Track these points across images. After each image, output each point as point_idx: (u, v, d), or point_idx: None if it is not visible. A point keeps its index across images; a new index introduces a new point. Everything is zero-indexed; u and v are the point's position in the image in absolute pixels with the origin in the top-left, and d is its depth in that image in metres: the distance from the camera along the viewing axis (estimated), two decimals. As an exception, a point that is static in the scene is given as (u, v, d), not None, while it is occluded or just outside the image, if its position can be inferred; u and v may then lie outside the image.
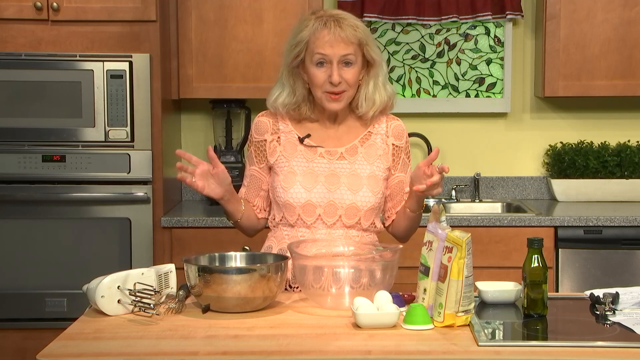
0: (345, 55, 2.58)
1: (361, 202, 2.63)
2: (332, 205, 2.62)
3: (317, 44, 2.57)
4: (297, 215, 2.63)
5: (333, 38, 2.56)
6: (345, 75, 2.59)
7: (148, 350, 2.07)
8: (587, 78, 4.18)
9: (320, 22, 2.59)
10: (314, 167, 2.65)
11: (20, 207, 3.86)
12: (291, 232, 2.66)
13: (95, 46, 3.87)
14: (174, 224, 3.91)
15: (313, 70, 2.60)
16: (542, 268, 2.32)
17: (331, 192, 2.62)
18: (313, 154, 2.66)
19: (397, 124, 2.74)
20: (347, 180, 2.63)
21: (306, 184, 2.62)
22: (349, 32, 2.57)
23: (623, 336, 2.16)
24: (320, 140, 2.68)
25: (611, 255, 3.91)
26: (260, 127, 2.72)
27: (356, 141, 2.69)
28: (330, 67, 2.58)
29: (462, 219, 3.92)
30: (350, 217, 2.63)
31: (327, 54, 2.57)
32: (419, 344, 2.10)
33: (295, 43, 2.61)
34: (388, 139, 2.71)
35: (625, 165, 4.32)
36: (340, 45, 2.57)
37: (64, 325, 2.34)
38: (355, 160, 2.66)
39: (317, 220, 2.63)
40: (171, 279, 2.47)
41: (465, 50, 4.50)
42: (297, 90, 2.66)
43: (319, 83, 2.60)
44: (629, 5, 4.14)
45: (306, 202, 2.62)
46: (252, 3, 4.12)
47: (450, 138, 4.51)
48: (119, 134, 3.84)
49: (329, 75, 2.58)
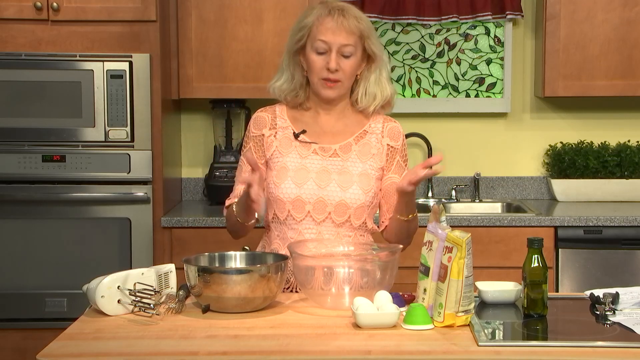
0: (346, 45, 2.61)
1: (350, 199, 2.62)
2: (321, 201, 2.62)
3: (319, 29, 2.61)
4: (287, 211, 2.63)
5: (335, 26, 2.60)
6: (343, 65, 2.62)
7: (148, 350, 2.07)
8: (587, 78, 4.18)
9: (325, 9, 2.63)
10: (306, 163, 2.65)
11: (20, 207, 3.86)
12: (281, 230, 2.65)
13: (95, 46, 3.87)
14: (174, 224, 3.91)
15: (312, 57, 2.63)
16: (542, 268, 2.32)
17: (321, 189, 2.62)
18: (307, 150, 2.67)
19: (393, 126, 2.74)
20: (338, 177, 2.63)
21: (297, 180, 2.62)
22: (352, 22, 2.61)
23: (623, 336, 2.16)
24: (315, 136, 2.69)
25: (611, 255, 3.91)
26: (259, 121, 2.74)
27: (351, 139, 2.69)
28: (329, 55, 2.61)
29: (462, 219, 3.92)
30: (339, 214, 2.62)
31: (328, 41, 2.60)
32: (419, 344, 2.10)
33: (299, 28, 2.66)
34: (383, 139, 2.71)
35: (625, 165, 4.32)
36: (342, 34, 2.60)
37: (64, 325, 2.34)
38: (349, 157, 2.66)
39: (307, 217, 2.62)
40: (171, 279, 2.47)
41: (465, 50, 4.50)
42: (295, 77, 2.69)
43: (317, 69, 2.63)
44: (629, 5, 4.14)
45: (296, 197, 2.61)
46: (252, 3, 4.12)
47: (450, 138, 4.51)
48: (119, 134, 3.84)
49: (327, 62, 2.61)
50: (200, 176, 4.50)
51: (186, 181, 4.50)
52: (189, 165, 4.51)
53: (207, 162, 4.43)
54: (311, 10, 2.68)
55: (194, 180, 4.50)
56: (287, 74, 2.70)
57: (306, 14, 2.68)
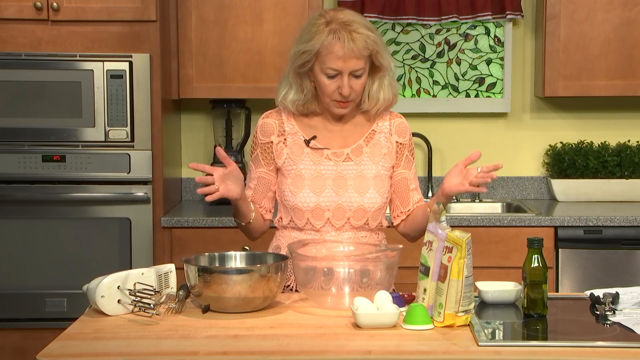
0: (356, 70, 2.56)
1: (368, 203, 2.63)
2: (340, 208, 2.62)
3: (329, 57, 2.54)
4: (306, 219, 2.63)
5: (346, 53, 2.53)
6: (355, 85, 2.58)
7: (148, 350, 2.07)
8: (587, 78, 4.18)
9: (333, 35, 2.54)
10: (321, 170, 2.64)
11: (20, 207, 3.86)
12: (299, 236, 2.65)
13: (95, 46, 3.87)
14: (174, 224, 3.91)
15: (323, 80, 2.58)
16: (542, 268, 2.32)
17: (339, 196, 2.62)
18: (320, 156, 2.66)
19: (400, 122, 2.75)
20: (354, 183, 2.64)
21: (315, 188, 2.62)
22: (360, 44, 2.54)
23: (623, 336, 2.16)
24: (325, 141, 2.68)
25: (611, 255, 3.91)
26: (266, 128, 2.71)
27: (361, 141, 2.69)
28: (341, 79, 2.57)
29: (462, 219, 3.92)
30: (358, 218, 2.63)
31: (339, 69, 2.55)
32: (419, 344, 2.10)
33: (304, 50, 2.58)
34: (392, 136, 2.71)
35: (625, 165, 4.32)
36: (352, 60, 2.54)
37: (64, 325, 2.34)
38: (361, 160, 2.66)
39: (326, 224, 2.63)
40: (171, 279, 2.48)
41: (465, 50, 4.50)
42: (305, 89, 2.64)
43: (329, 93, 2.59)
44: (629, 5, 4.14)
45: (315, 206, 2.62)
46: (252, 3, 4.12)
47: (450, 138, 4.51)
48: (119, 134, 3.84)
49: (339, 87, 2.57)
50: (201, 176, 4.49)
51: (186, 181, 4.50)
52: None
53: (207, 162, 4.43)
54: (315, 29, 2.57)
55: (194, 180, 4.50)
56: (295, 86, 2.65)
57: (310, 34, 2.57)
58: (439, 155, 4.50)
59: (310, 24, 2.62)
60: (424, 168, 4.49)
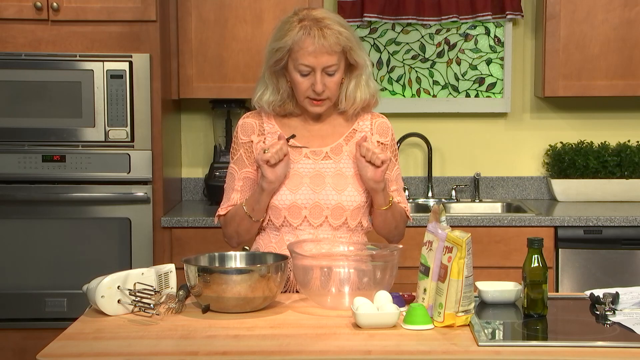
0: (329, 66, 2.57)
1: (347, 201, 2.62)
2: (317, 206, 2.62)
3: (300, 53, 2.55)
4: (283, 217, 2.62)
5: (317, 49, 2.54)
6: (329, 83, 2.59)
7: (148, 350, 2.07)
8: (587, 78, 4.18)
9: (304, 30, 2.55)
10: (298, 168, 2.64)
11: (20, 207, 3.86)
12: (277, 237, 2.65)
13: (95, 46, 3.87)
14: (174, 224, 3.91)
15: (296, 78, 2.59)
16: (542, 268, 2.32)
17: (316, 193, 2.62)
18: (298, 154, 2.66)
19: (382, 122, 2.74)
20: (332, 180, 2.63)
21: (291, 186, 2.62)
22: (332, 40, 2.54)
23: (623, 336, 2.16)
24: (305, 140, 2.68)
25: (611, 255, 3.91)
26: (247, 128, 2.71)
27: (341, 140, 2.69)
28: (314, 76, 2.57)
29: (462, 219, 3.92)
30: (336, 217, 2.62)
31: (311, 65, 2.56)
32: (419, 344, 2.10)
33: (277, 48, 2.59)
34: (372, 136, 2.70)
35: (625, 165, 4.32)
36: (324, 56, 2.55)
37: (64, 325, 2.34)
38: (341, 159, 2.66)
39: (303, 222, 2.62)
40: (171, 279, 2.48)
41: (465, 50, 4.50)
42: (281, 88, 2.66)
43: (302, 90, 2.60)
44: (629, 5, 4.14)
45: (291, 204, 2.61)
46: (252, 3, 4.12)
47: (450, 138, 4.51)
48: (119, 134, 3.84)
49: (312, 84, 2.58)
50: (200, 176, 4.50)
51: (186, 181, 4.50)
52: (189, 165, 4.51)
53: (207, 162, 4.43)
54: (287, 27, 2.58)
55: (194, 180, 4.50)
56: (271, 87, 2.66)
57: (282, 32, 2.59)
58: (438, 155, 4.50)
59: (284, 22, 2.63)
60: (423, 168, 4.49)
